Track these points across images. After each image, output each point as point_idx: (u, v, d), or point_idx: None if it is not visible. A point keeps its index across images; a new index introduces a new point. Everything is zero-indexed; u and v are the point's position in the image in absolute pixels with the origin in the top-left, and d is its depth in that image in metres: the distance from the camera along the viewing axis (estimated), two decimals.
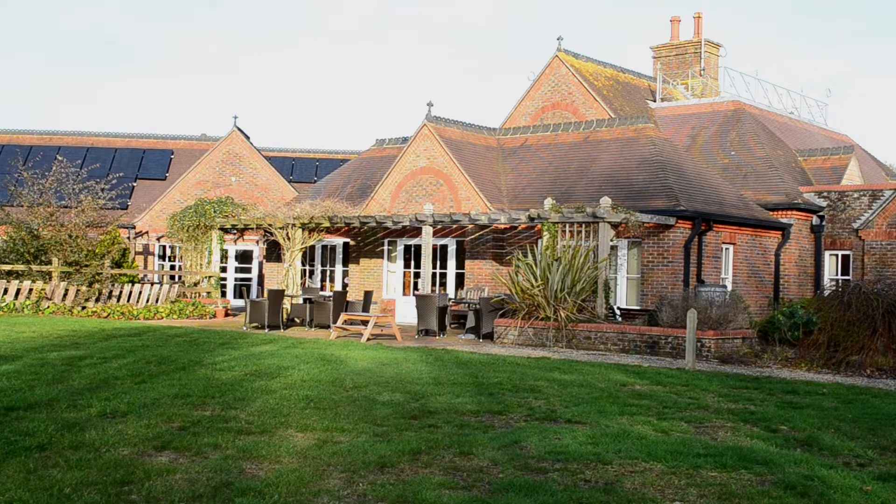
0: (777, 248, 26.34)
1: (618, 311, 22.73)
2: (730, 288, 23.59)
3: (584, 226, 22.42)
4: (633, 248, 23.98)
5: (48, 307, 27.88)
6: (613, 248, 23.23)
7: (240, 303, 32.97)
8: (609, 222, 21.78)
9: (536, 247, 23.26)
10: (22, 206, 31.52)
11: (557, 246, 22.28)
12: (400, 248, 28.97)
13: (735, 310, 19.91)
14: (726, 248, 24.79)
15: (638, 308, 23.26)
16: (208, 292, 31.65)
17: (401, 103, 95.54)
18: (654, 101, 34.40)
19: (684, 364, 17.14)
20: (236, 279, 37.58)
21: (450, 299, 25.46)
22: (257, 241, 36.22)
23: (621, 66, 35.06)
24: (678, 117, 32.41)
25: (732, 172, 28.34)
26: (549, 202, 22.94)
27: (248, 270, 37.91)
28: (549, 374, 15.01)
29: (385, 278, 29.27)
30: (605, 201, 21.61)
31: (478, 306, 23.17)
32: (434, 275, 27.38)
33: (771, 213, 26.49)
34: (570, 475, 8.08)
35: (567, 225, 22.66)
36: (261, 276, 36.28)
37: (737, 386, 14.34)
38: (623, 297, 23.85)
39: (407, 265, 28.92)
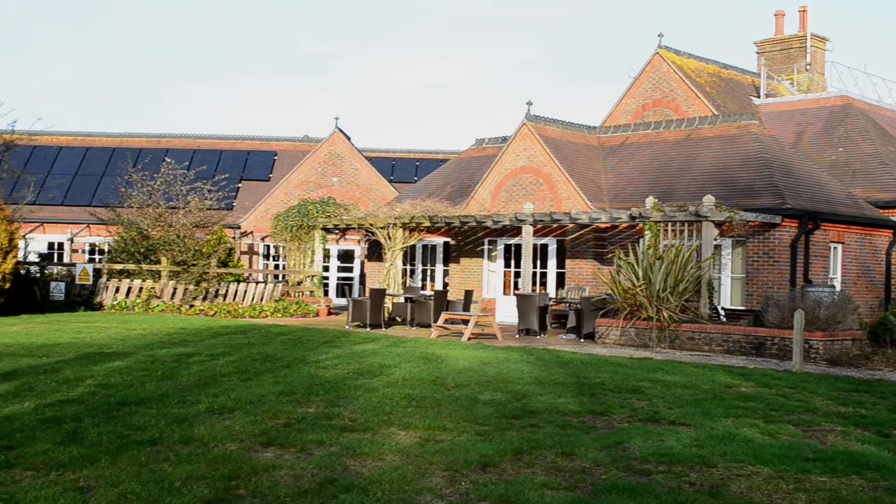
0: (888, 248, 25.60)
1: (722, 312, 22.34)
2: (838, 288, 23.01)
3: (686, 225, 22.11)
4: (737, 247, 23.56)
5: (157, 305, 28.60)
6: (717, 247, 22.85)
7: (342, 302, 33.36)
8: (712, 221, 21.44)
9: (638, 246, 23.02)
10: (132, 207, 32.37)
11: (659, 245, 22.01)
12: (500, 247, 28.96)
13: (844, 310, 19.40)
14: (834, 247, 24.19)
15: (743, 308, 22.84)
16: (311, 291, 32.08)
17: (501, 103, 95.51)
18: (758, 97, 33.71)
19: (791, 366, 16.76)
20: (338, 278, 38.05)
21: (550, 299, 25.35)
22: (359, 241, 36.59)
23: (724, 62, 34.45)
24: (783, 113, 31.71)
25: (840, 169, 27.63)
26: (650, 201, 22.68)
27: (350, 270, 38.34)
28: (651, 374, 14.84)
29: (485, 278, 29.28)
30: (709, 199, 21.28)
31: (579, 306, 23.02)
32: (534, 274, 27.30)
33: (881, 210, 25.75)
34: (675, 477, 7.98)
35: (669, 224, 22.38)
36: (362, 276, 36.65)
37: (846, 389, 13.97)
38: (727, 297, 23.45)
39: (507, 265, 28.89)
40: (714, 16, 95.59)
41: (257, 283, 32.28)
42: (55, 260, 38.02)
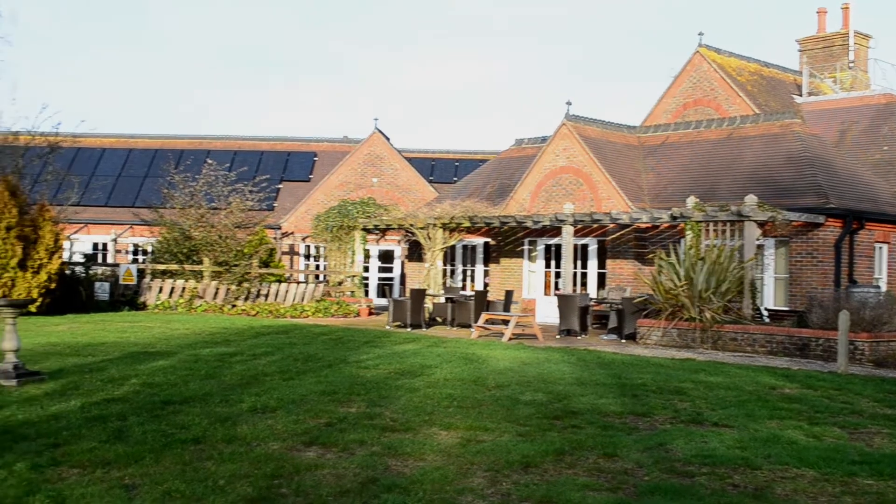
0: None
1: (765, 312, 22.16)
2: (884, 288, 22.74)
3: (728, 224, 21.94)
4: (780, 247, 23.36)
5: (200, 305, 28.84)
6: (759, 247, 22.65)
7: (382, 302, 33.44)
8: (755, 221, 21.26)
9: (679, 246, 22.88)
10: (174, 207, 32.65)
11: (701, 245, 21.87)
12: (540, 247, 28.90)
13: (890, 311, 19.14)
14: (879, 247, 23.90)
15: (786, 309, 22.64)
16: (352, 291, 32.18)
17: (540, 103, 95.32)
18: (801, 95, 33.37)
19: (836, 367, 16.57)
20: (379, 278, 38.13)
21: (591, 299, 25.26)
22: (399, 241, 36.66)
23: (765, 61, 34.14)
24: (826, 112, 31.36)
25: (885, 168, 27.28)
26: (691, 200, 22.54)
27: (390, 270, 38.43)
28: (694, 375, 14.74)
29: (525, 278, 29.24)
30: (751, 199, 21.10)
31: (620, 306, 22.92)
32: (575, 274, 27.21)
33: None
34: (718, 479, 7.92)
35: (711, 224, 22.23)
36: (402, 276, 36.72)
37: (893, 391, 13.78)
38: (770, 298, 23.25)
39: (547, 265, 28.83)
40: (755, 14, 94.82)
41: (298, 283, 32.44)
42: (99, 260, 38.42)
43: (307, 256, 39.06)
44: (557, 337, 22.65)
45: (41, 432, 8.97)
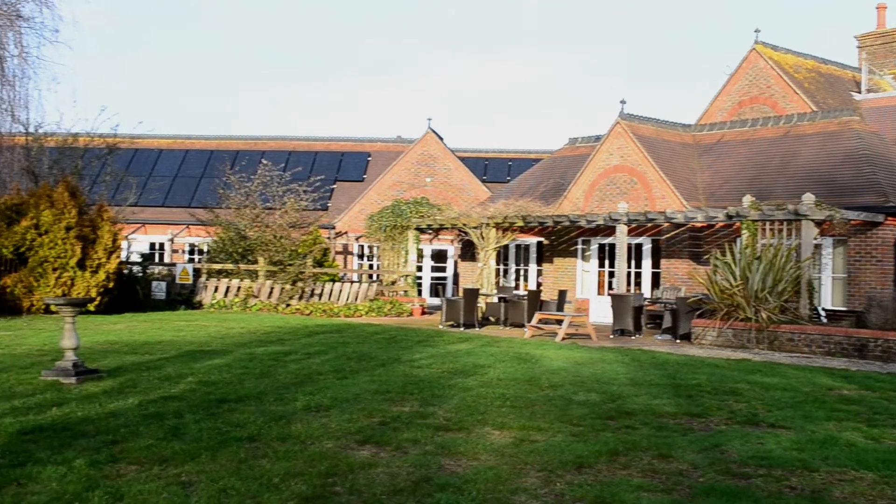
0: None
1: (822, 312, 21.85)
2: None
3: (785, 224, 21.68)
4: (838, 246, 23.03)
5: (255, 304, 29.09)
6: (817, 246, 22.35)
7: (435, 301, 33.51)
8: (812, 220, 20.98)
9: (735, 245, 22.64)
10: (230, 207, 32.97)
11: (757, 244, 21.62)
12: (594, 247, 28.77)
13: None
14: None
15: (844, 309, 22.30)
16: (405, 291, 32.27)
17: (593, 102, 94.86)
18: (859, 92, 32.85)
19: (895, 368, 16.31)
20: (432, 278, 38.21)
21: (645, 299, 25.08)
22: (452, 241, 36.70)
23: (823, 57, 33.66)
24: (886, 109, 30.81)
25: None
26: (747, 199, 22.29)
27: (443, 269, 38.48)
28: (749, 376, 14.58)
29: (579, 277, 29.12)
30: (808, 198, 20.83)
31: (674, 306, 22.73)
32: (629, 274, 27.04)
33: None
34: (775, 481, 7.82)
35: (767, 223, 21.98)
36: (455, 275, 36.75)
37: None
38: (828, 298, 22.93)
39: (601, 264, 28.69)
40: (813, 10, 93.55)
41: (352, 282, 32.61)
42: (156, 260, 38.93)
43: (361, 256, 39.25)
44: (611, 337, 22.53)
45: (100, 429, 9.10)
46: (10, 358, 14.61)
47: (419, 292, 34.97)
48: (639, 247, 27.54)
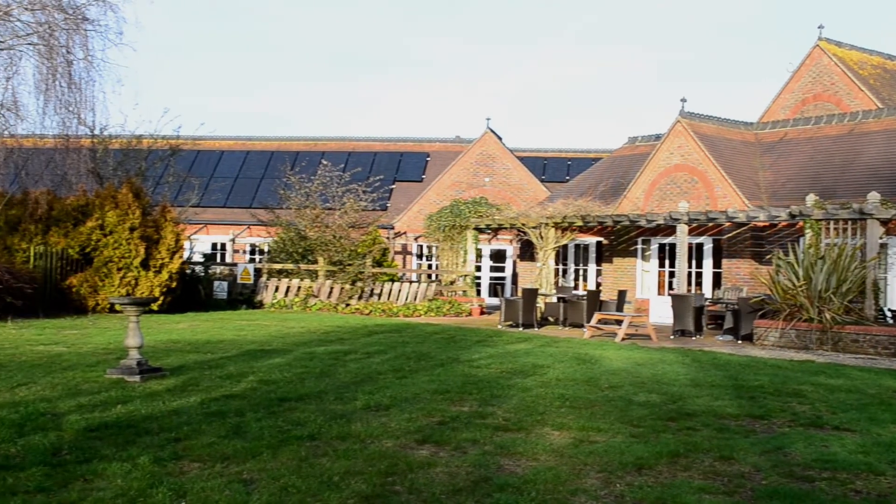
0: None
1: (888, 313, 21.45)
2: None
3: (849, 223, 21.33)
4: None
5: (315, 304, 29.29)
6: (882, 245, 21.95)
7: (494, 301, 33.48)
8: (877, 219, 20.62)
9: (798, 245, 22.33)
10: (290, 208, 33.25)
11: (821, 244, 21.30)
12: (654, 246, 28.55)
13: None
14: None
15: None
16: (464, 291, 32.28)
17: (653, 100, 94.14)
18: None
19: None
20: (490, 278, 38.18)
21: (706, 299, 24.83)
22: (511, 241, 36.64)
23: (889, 53, 33.05)
24: None
25: None
26: (811, 198, 21.97)
27: (502, 269, 38.43)
28: (813, 378, 14.37)
29: (639, 277, 28.91)
30: (873, 196, 20.47)
31: (736, 306, 22.48)
32: (689, 274, 26.79)
33: None
34: (839, 485, 7.70)
35: (831, 222, 21.64)
36: (514, 275, 36.69)
37: None
38: (894, 298, 22.50)
39: (661, 264, 28.45)
40: (878, 6, 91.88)
41: (411, 282, 32.69)
42: (218, 260, 39.39)
43: (419, 256, 39.34)
44: (671, 337, 22.33)
45: (163, 427, 9.23)
46: (76, 356, 14.87)
47: (478, 292, 34.95)
48: (699, 246, 27.26)
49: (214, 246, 41.31)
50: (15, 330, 19.41)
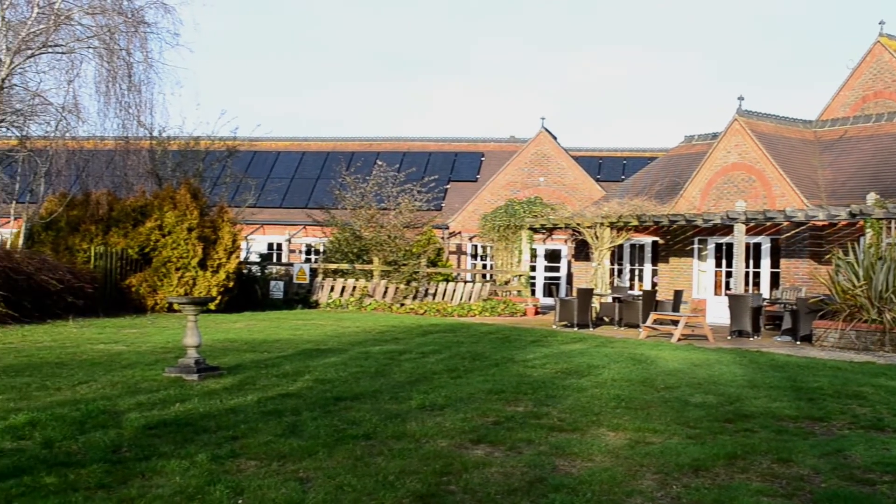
0: None
1: None
2: None
3: None
4: None
5: (370, 304, 29.43)
6: None
7: (549, 301, 33.40)
8: None
9: (858, 245, 21.98)
10: (345, 208, 33.44)
11: (882, 243, 20.96)
12: (710, 246, 28.28)
13: None
14: None
15: None
16: (518, 291, 32.23)
17: (709, 98, 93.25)
18: None
19: None
20: (545, 278, 38.08)
21: (764, 299, 24.55)
22: (565, 241, 36.52)
23: None
24: None
25: None
26: (871, 197, 21.63)
27: (557, 269, 38.31)
28: (874, 379, 14.14)
29: (695, 277, 28.66)
30: None
31: (794, 307, 22.19)
32: (747, 274, 26.50)
33: None
34: None
35: (892, 221, 21.28)
36: (569, 275, 36.56)
37: None
38: None
39: (718, 264, 28.18)
40: None
41: (465, 282, 32.71)
42: (274, 260, 39.72)
43: (474, 256, 39.33)
44: (728, 338, 22.11)
45: (220, 425, 9.32)
46: (135, 355, 15.08)
47: (532, 292, 34.87)
48: (757, 246, 26.96)
49: (271, 246, 41.65)
50: (76, 329, 19.74)
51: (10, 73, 24.83)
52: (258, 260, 35.20)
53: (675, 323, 22.40)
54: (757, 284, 26.89)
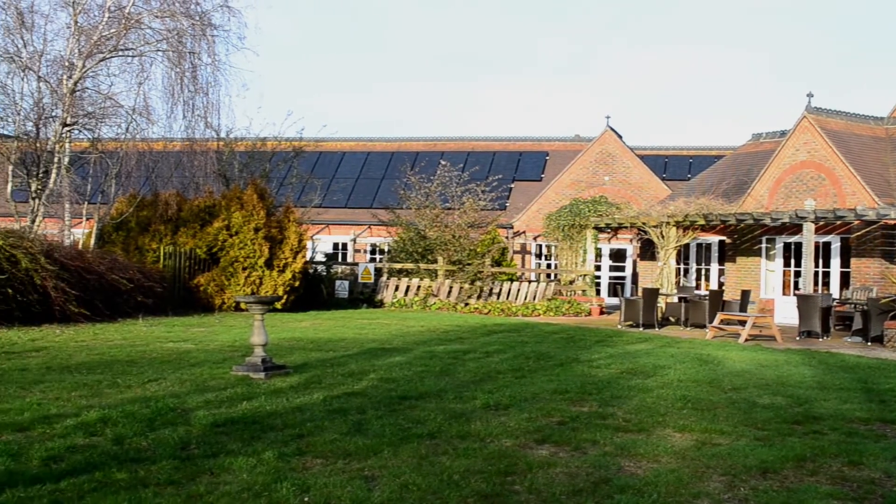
0: None
1: None
2: None
3: None
4: None
5: (434, 303, 29.49)
6: None
7: (614, 301, 33.16)
8: None
9: None
10: (410, 208, 33.54)
11: None
12: (779, 245, 27.88)
13: None
14: None
15: None
16: (583, 290, 32.07)
17: (777, 95, 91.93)
18: None
19: None
20: (610, 277, 37.83)
21: (833, 299, 24.13)
22: (631, 240, 36.25)
23: None
24: None
25: None
26: None
27: (622, 269, 38.05)
28: None
29: (763, 277, 28.27)
30: None
31: (865, 307, 21.78)
32: (816, 274, 26.07)
33: None
34: None
35: None
36: (634, 275, 36.29)
37: None
38: None
39: (786, 264, 27.77)
40: None
41: (530, 281, 32.62)
42: (339, 259, 39.98)
43: (538, 255, 39.19)
44: (797, 339, 21.78)
45: (287, 423, 9.41)
46: (203, 354, 15.28)
47: (597, 292, 34.67)
48: (826, 245, 26.51)
49: (336, 246, 41.92)
50: (146, 327, 20.06)
51: (83, 76, 25.35)
52: (324, 259, 35.47)
53: (743, 323, 22.12)
54: (826, 284, 26.45)
